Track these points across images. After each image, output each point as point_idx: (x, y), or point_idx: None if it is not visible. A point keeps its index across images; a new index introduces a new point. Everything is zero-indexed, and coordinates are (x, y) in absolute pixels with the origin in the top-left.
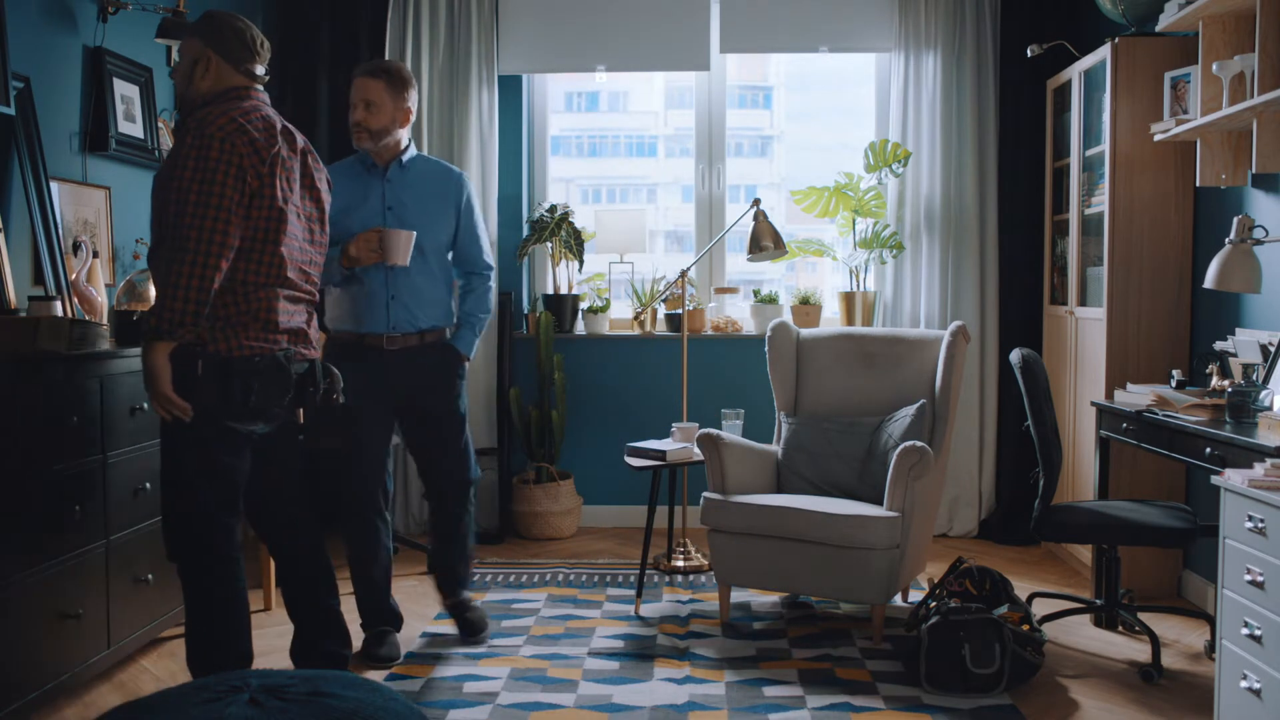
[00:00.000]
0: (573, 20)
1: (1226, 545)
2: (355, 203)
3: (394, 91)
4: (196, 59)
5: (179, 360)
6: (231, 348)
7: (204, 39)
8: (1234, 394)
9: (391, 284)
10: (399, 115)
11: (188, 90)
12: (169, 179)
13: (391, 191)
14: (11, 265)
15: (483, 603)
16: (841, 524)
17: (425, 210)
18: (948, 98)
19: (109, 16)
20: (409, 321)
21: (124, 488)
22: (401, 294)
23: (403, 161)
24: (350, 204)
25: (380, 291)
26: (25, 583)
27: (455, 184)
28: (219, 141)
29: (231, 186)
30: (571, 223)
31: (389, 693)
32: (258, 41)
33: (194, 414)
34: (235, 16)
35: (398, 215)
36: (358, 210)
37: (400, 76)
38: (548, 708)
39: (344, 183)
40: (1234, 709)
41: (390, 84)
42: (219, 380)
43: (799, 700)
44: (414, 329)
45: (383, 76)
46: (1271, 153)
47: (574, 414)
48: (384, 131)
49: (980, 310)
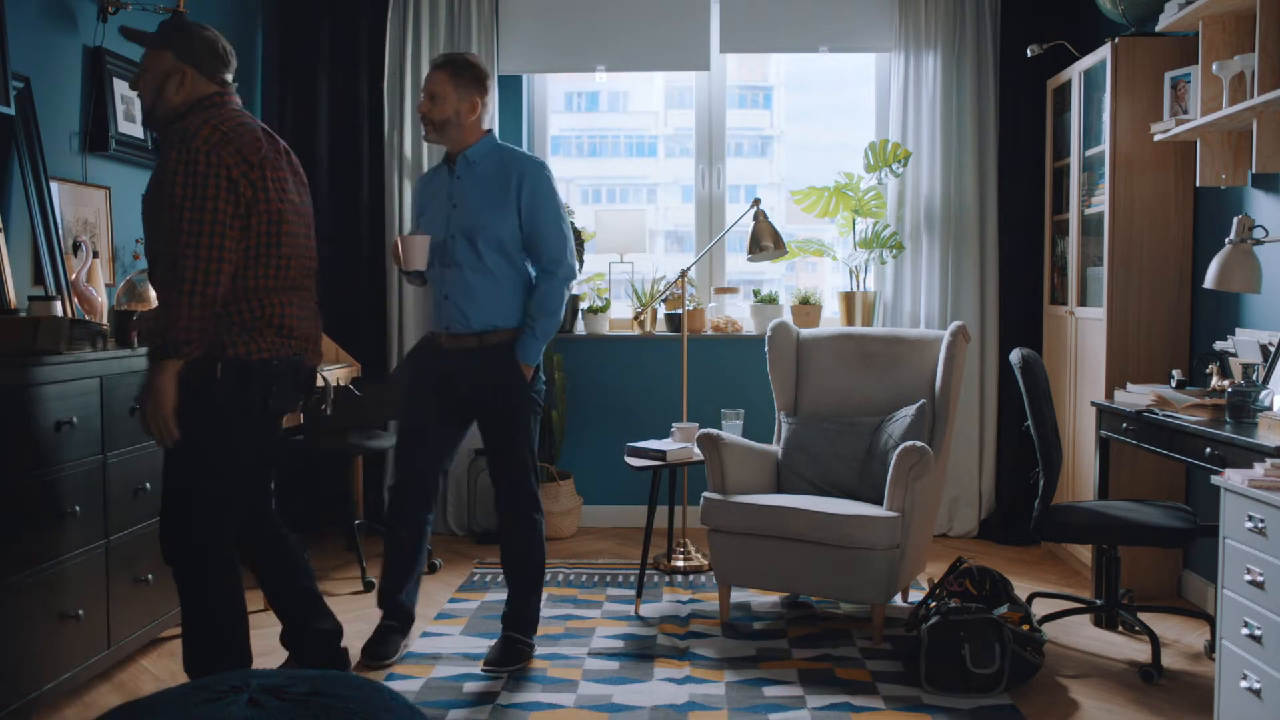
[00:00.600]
0: (573, 20)
1: (1226, 545)
2: (428, 202)
3: (458, 82)
4: (169, 72)
5: (195, 365)
6: (250, 351)
7: (177, 53)
8: (1234, 394)
9: (444, 283)
10: (463, 107)
11: (157, 104)
12: (157, 198)
13: (458, 187)
14: (11, 265)
15: (482, 602)
16: (841, 524)
17: (486, 204)
18: (948, 98)
19: (109, 16)
20: (461, 321)
21: (124, 488)
22: (453, 293)
23: (468, 156)
24: (424, 204)
25: (435, 291)
26: (25, 583)
27: (516, 173)
28: (204, 155)
29: (224, 200)
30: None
31: (389, 693)
32: (228, 50)
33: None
34: (202, 26)
35: (459, 211)
36: (429, 208)
37: (466, 66)
38: (548, 708)
39: (425, 184)
40: (1234, 709)
41: (454, 74)
42: (238, 383)
43: (799, 700)
44: (468, 329)
45: (447, 67)
46: (1271, 153)
47: (574, 414)
48: (447, 123)
49: (980, 310)
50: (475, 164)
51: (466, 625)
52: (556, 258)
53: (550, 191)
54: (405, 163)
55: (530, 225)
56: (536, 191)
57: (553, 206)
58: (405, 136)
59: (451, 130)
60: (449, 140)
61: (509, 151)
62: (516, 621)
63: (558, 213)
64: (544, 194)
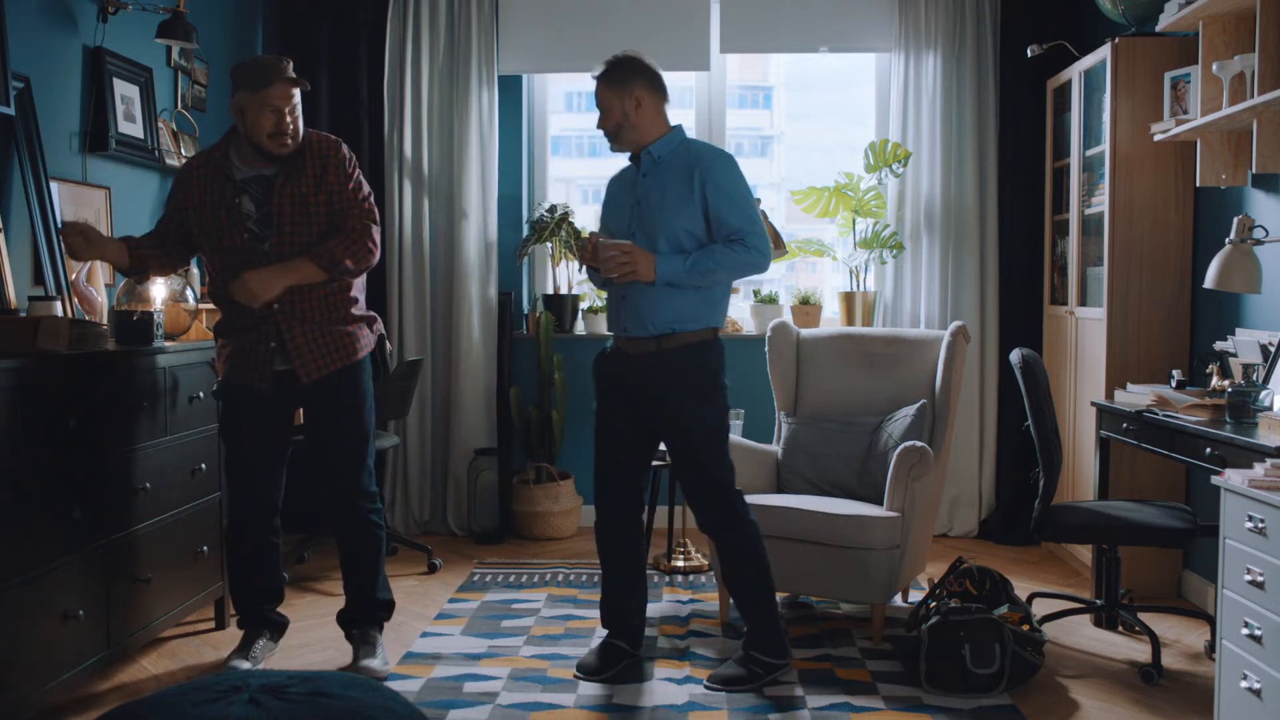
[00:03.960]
0: (573, 20)
1: (1226, 545)
2: (613, 199)
3: (612, 85)
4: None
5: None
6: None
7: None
8: (1234, 394)
9: (622, 284)
10: (628, 105)
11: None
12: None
13: (642, 185)
14: (11, 265)
15: (482, 602)
16: (841, 524)
17: (667, 201)
18: (948, 98)
19: (109, 16)
20: (638, 325)
21: (124, 488)
22: (630, 295)
23: (651, 151)
24: (610, 201)
25: (613, 292)
26: (25, 583)
27: (699, 168)
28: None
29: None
30: (571, 223)
31: (389, 693)
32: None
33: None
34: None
35: (642, 209)
36: (613, 206)
37: (614, 67)
38: (548, 708)
39: (614, 181)
40: (1234, 709)
41: (607, 80)
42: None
43: (799, 700)
44: (645, 333)
45: (600, 76)
46: (1271, 153)
47: (574, 414)
48: (620, 129)
49: (980, 310)
50: (660, 160)
51: (466, 625)
52: (740, 226)
53: (731, 179)
54: (405, 163)
55: (715, 209)
56: (718, 181)
57: (736, 193)
58: (405, 136)
59: (626, 133)
60: (628, 143)
61: (694, 145)
62: (759, 643)
63: (744, 199)
64: (726, 181)
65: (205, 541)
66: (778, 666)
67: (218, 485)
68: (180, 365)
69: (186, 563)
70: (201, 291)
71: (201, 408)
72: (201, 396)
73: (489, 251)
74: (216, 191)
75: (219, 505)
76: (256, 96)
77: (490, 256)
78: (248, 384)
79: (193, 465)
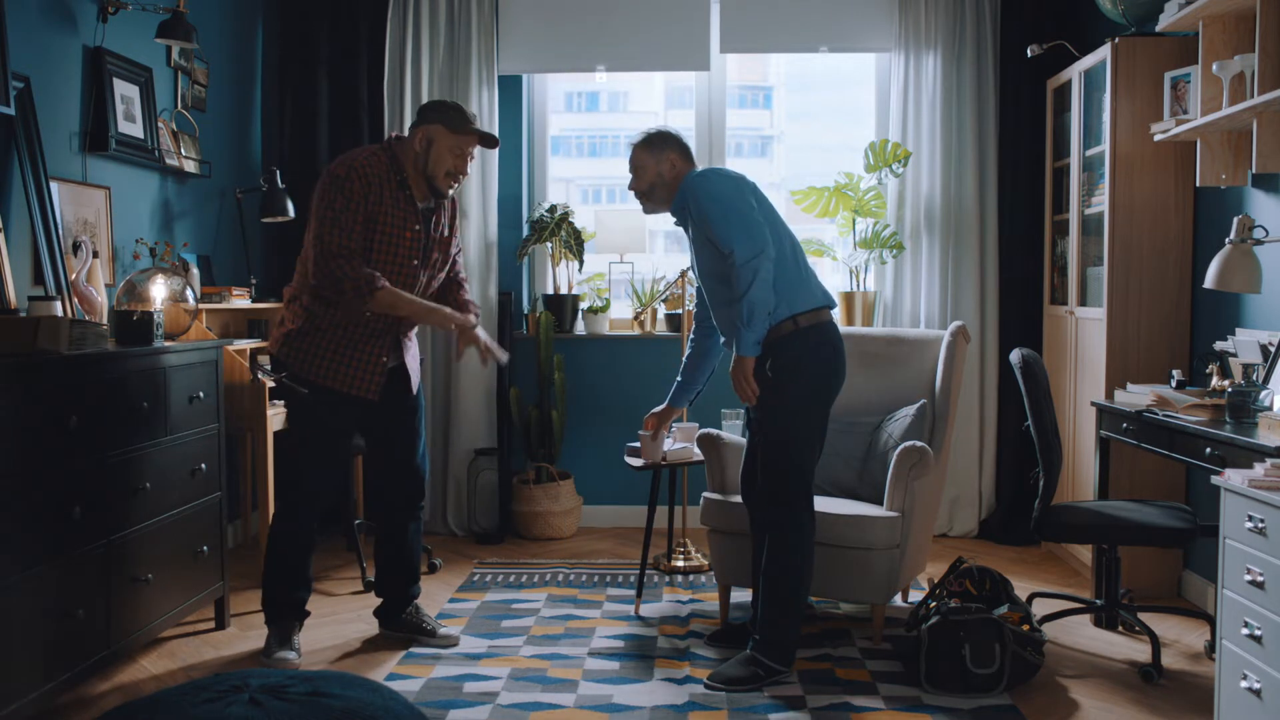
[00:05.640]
0: (573, 20)
1: (1226, 545)
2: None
3: (650, 150)
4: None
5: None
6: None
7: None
8: (1234, 394)
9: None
10: (663, 168)
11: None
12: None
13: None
14: (11, 265)
15: (482, 602)
16: (841, 524)
17: (693, 242)
18: (948, 98)
19: (109, 16)
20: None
21: (124, 488)
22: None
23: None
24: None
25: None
26: (25, 583)
27: (690, 203)
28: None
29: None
30: (571, 223)
31: (389, 693)
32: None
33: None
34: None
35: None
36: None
37: (655, 135)
38: (548, 708)
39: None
40: (1234, 709)
41: (646, 145)
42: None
43: (799, 700)
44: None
45: (639, 142)
46: (1271, 153)
47: (574, 414)
48: (654, 188)
49: (980, 310)
50: (683, 210)
51: (466, 625)
52: (730, 245)
53: (707, 195)
54: None
55: (712, 232)
56: (698, 203)
57: (714, 208)
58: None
59: (659, 192)
60: (660, 202)
61: (684, 182)
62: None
63: (721, 211)
64: (703, 201)
65: (205, 541)
66: (779, 672)
67: (218, 485)
68: (180, 365)
69: (186, 563)
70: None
71: (202, 408)
72: (202, 396)
73: (489, 251)
74: (403, 211)
75: (219, 505)
76: (454, 136)
77: (490, 256)
78: (352, 392)
79: (193, 465)
